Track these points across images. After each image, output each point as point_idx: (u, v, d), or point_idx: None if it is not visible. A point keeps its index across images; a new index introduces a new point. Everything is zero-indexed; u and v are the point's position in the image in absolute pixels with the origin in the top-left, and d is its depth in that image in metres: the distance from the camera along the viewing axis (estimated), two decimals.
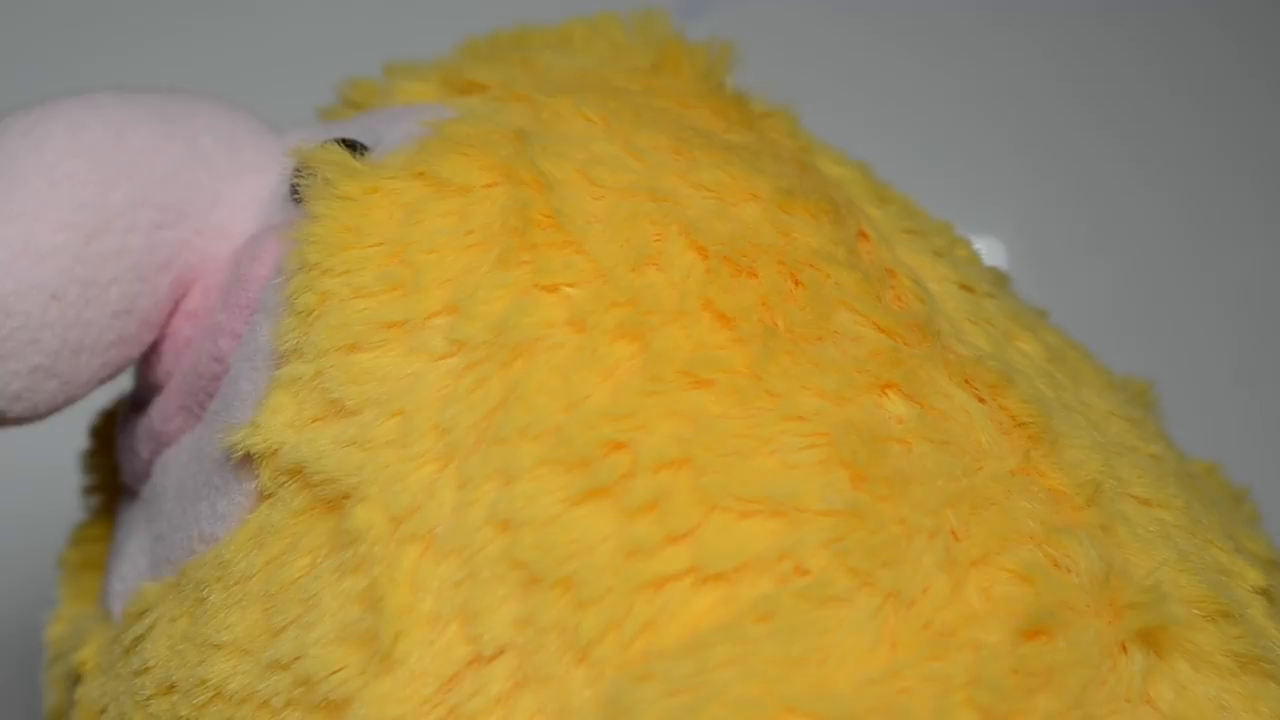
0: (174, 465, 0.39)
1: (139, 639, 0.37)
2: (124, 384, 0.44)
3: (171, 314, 0.40)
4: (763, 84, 0.43)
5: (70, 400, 0.39)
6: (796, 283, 0.35)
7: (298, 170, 0.38)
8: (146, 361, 0.40)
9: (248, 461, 0.35)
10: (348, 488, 0.33)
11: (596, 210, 0.35)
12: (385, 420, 0.34)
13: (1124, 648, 0.32)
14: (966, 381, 0.35)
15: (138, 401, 0.42)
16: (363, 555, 0.33)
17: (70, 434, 0.48)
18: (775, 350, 0.33)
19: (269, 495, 0.35)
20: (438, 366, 0.34)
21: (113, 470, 0.45)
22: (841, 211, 0.37)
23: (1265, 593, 0.35)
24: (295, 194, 0.38)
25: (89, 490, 0.46)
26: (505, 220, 0.35)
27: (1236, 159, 0.69)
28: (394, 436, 0.33)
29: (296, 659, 0.33)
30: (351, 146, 0.38)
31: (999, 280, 0.41)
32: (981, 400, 0.35)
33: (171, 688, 0.35)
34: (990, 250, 0.59)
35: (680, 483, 0.32)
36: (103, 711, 0.38)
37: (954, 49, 0.70)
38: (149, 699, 0.36)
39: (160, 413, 0.40)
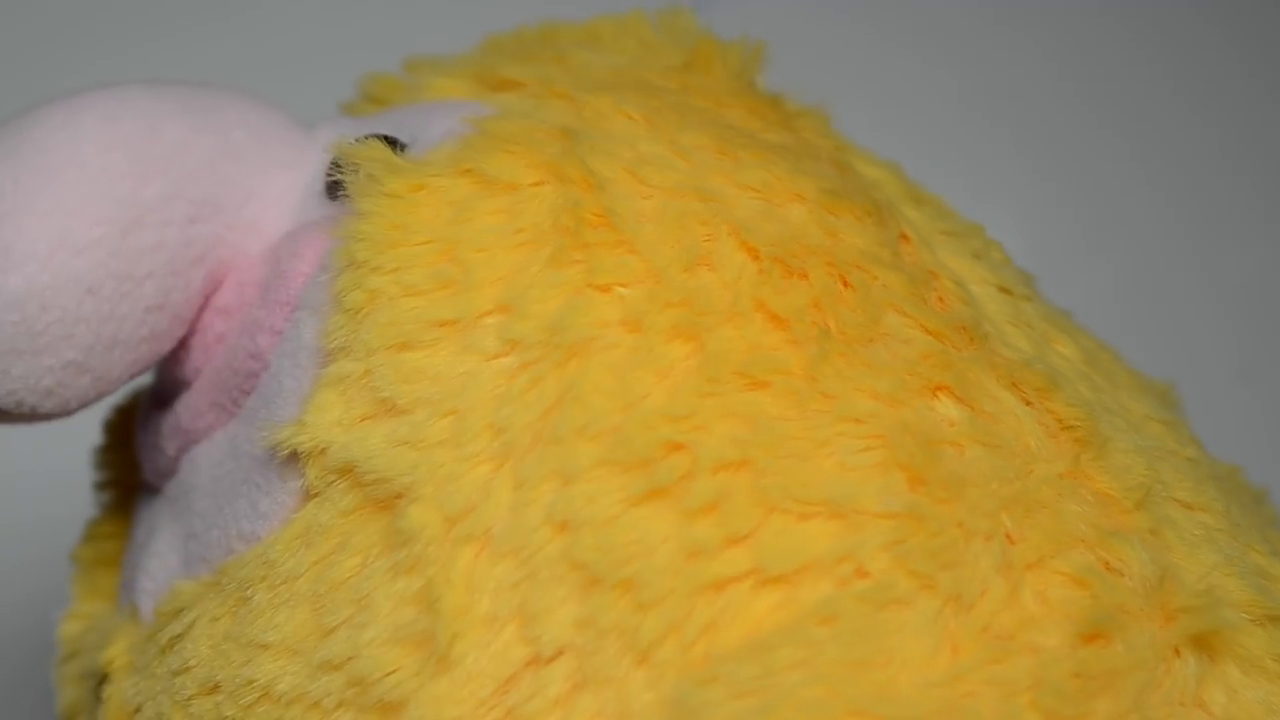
0: (205, 462, 0.38)
1: (177, 638, 0.36)
2: (140, 379, 0.43)
3: (201, 310, 0.39)
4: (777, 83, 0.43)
5: (100, 396, 0.39)
6: (845, 284, 0.35)
7: (334, 165, 0.38)
8: (172, 357, 0.40)
9: (293, 460, 0.35)
10: (400, 487, 0.33)
11: (646, 210, 0.35)
12: (438, 420, 0.33)
13: (1178, 652, 0.32)
14: (1014, 385, 0.35)
15: (160, 397, 0.41)
16: (417, 555, 0.33)
17: (78, 430, 0.47)
18: (829, 352, 0.33)
19: (315, 494, 0.35)
20: (491, 366, 0.33)
21: (128, 466, 0.45)
22: (884, 213, 0.37)
23: None
24: (333, 190, 0.38)
25: (102, 486, 0.45)
26: (556, 219, 0.34)
27: (1237, 159, 0.70)
28: (447, 436, 0.33)
29: (349, 659, 0.33)
30: (390, 143, 0.38)
31: (1030, 282, 0.41)
32: (1029, 404, 0.35)
33: (215, 687, 0.35)
34: None
35: (739, 484, 0.32)
36: (137, 710, 0.37)
37: (954, 48, 0.70)
38: (190, 699, 0.35)
39: (189, 409, 0.39)
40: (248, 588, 0.35)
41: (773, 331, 0.34)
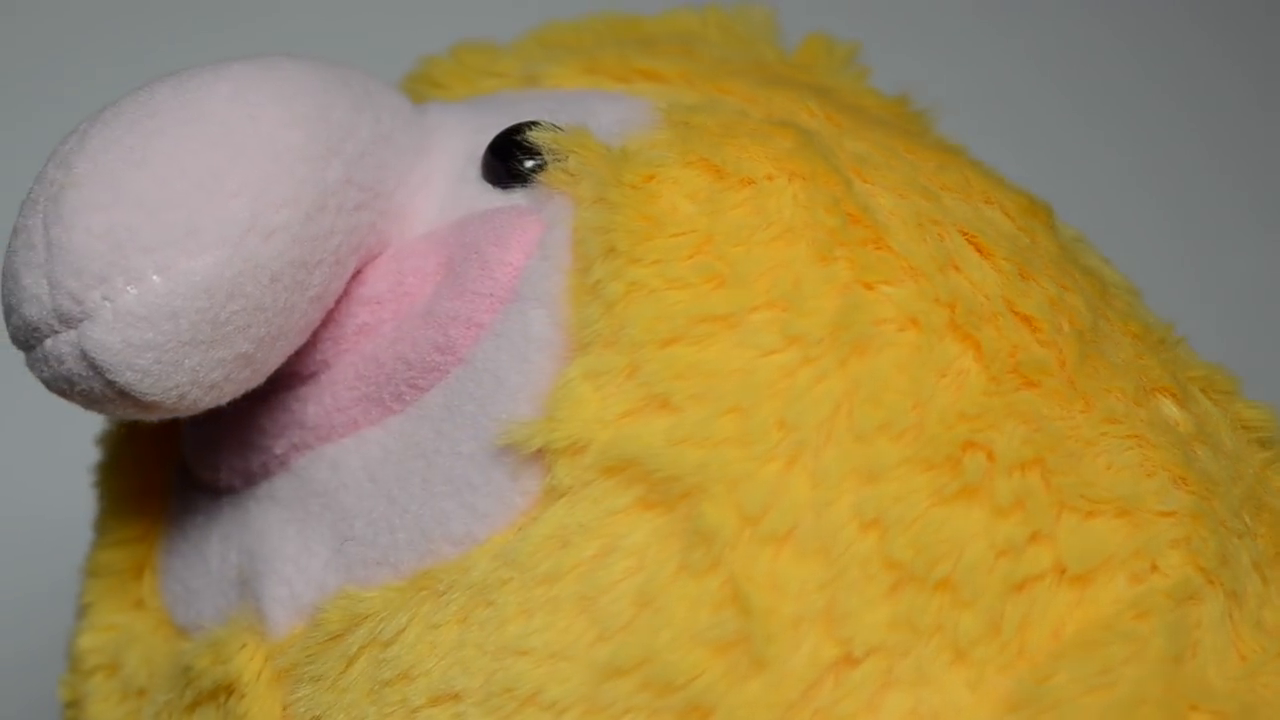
0: (356, 461, 0.36)
1: (384, 645, 0.34)
2: None
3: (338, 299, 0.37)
4: None
5: (234, 396, 0.36)
6: (1063, 287, 0.36)
7: (519, 150, 0.36)
8: None
9: (534, 457, 0.33)
10: (689, 486, 0.32)
11: (887, 207, 0.35)
12: (721, 416, 0.32)
13: None
14: (1205, 390, 0.36)
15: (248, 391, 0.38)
16: (715, 556, 0.32)
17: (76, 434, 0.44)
18: (1085, 352, 0.34)
19: (565, 493, 0.33)
20: (768, 362, 0.33)
21: (158, 467, 0.42)
22: (1052, 216, 0.38)
23: None
24: (513, 175, 0.36)
25: (126, 492, 0.42)
26: (813, 215, 0.34)
27: (1237, 159, 0.73)
28: (734, 434, 0.32)
29: (643, 663, 0.32)
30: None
31: None
32: (1219, 406, 0.36)
33: (455, 696, 0.33)
34: None
35: (1037, 482, 0.32)
36: None
37: (951, 49, 0.71)
38: (418, 709, 0.33)
39: (319, 405, 0.37)
40: (489, 592, 0.33)
41: (1026, 332, 0.34)
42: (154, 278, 0.33)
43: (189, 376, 0.34)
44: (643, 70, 0.40)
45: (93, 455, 0.45)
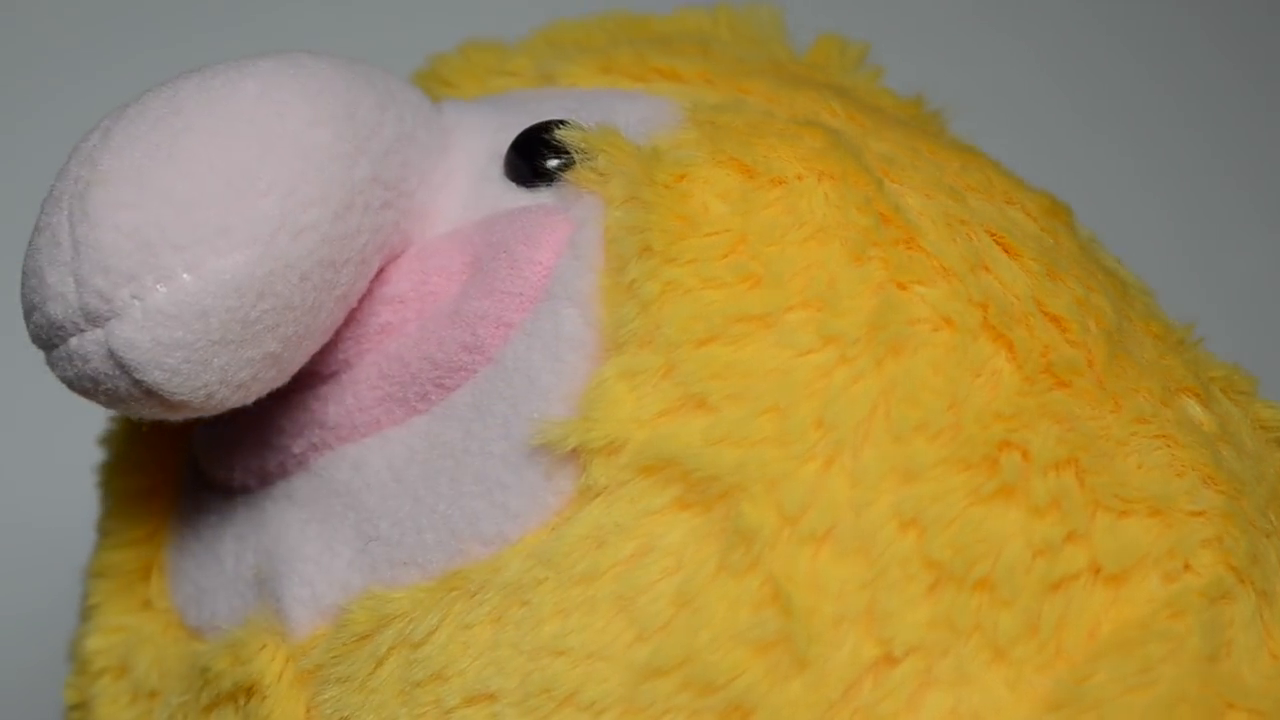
0: (379, 461, 0.36)
1: (415, 645, 0.34)
2: None
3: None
4: None
5: (260, 395, 0.36)
6: (1089, 288, 0.36)
7: (544, 149, 0.36)
8: None
9: (569, 457, 0.33)
10: (728, 486, 0.32)
11: (916, 207, 0.35)
12: (759, 416, 0.32)
13: None
14: (1224, 390, 0.37)
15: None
16: (755, 556, 0.32)
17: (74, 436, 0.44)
18: (1113, 352, 0.34)
19: (601, 492, 0.33)
20: (804, 361, 0.33)
21: (164, 466, 0.41)
22: (1072, 219, 0.38)
23: None
24: (538, 174, 0.36)
25: (132, 492, 0.41)
26: (845, 214, 0.34)
27: (1237, 159, 0.73)
28: (772, 433, 0.32)
29: (683, 664, 0.32)
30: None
31: None
32: (1239, 407, 0.37)
33: (491, 697, 0.33)
34: None
35: (1072, 482, 0.32)
36: None
37: (949, 49, 0.71)
38: (453, 709, 0.33)
39: (344, 403, 0.37)
40: (524, 592, 0.33)
41: (1056, 332, 0.34)
42: (184, 276, 0.33)
43: (217, 376, 0.34)
44: (661, 69, 0.39)
45: (88, 458, 0.44)
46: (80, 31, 0.68)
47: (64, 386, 0.36)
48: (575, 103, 0.38)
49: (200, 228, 0.33)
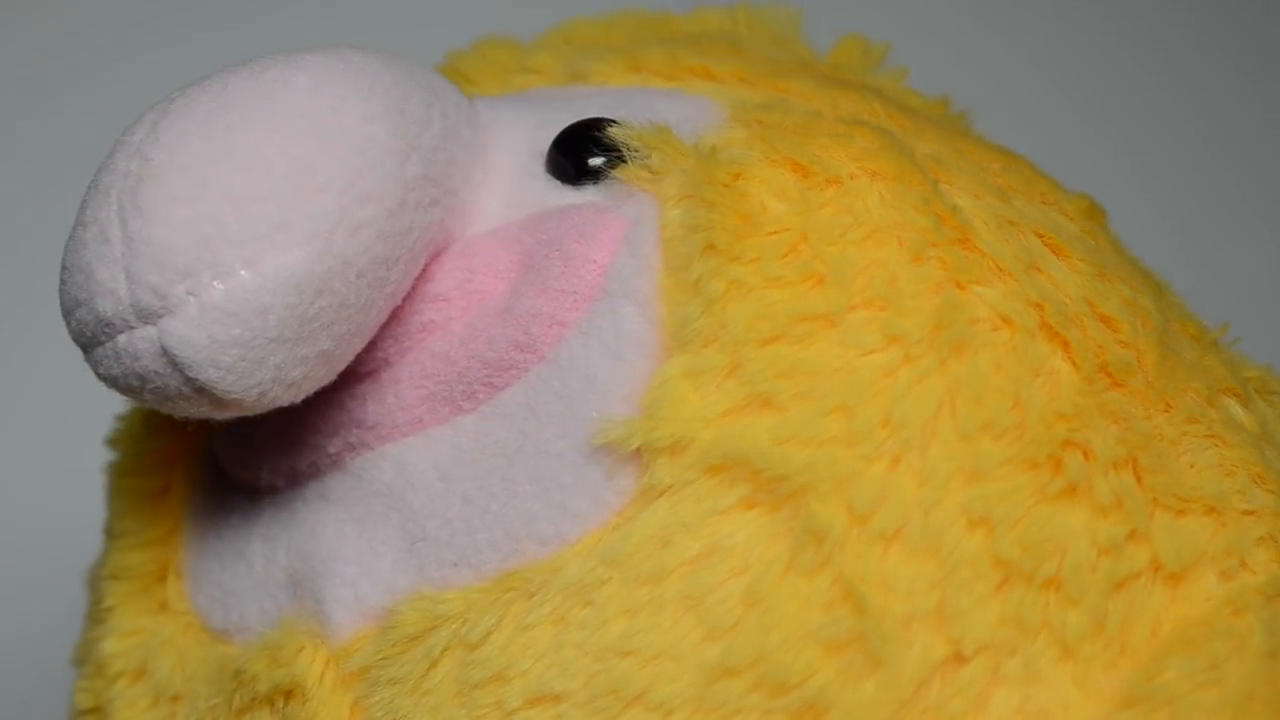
0: (424, 461, 0.35)
1: (472, 646, 0.33)
2: None
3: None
4: None
5: (309, 394, 0.35)
6: (1135, 289, 0.36)
7: (591, 147, 0.36)
8: None
9: (631, 456, 0.33)
10: (796, 486, 0.32)
11: (968, 207, 0.35)
12: (826, 415, 0.32)
13: None
14: (1259, 391, 0.37)
15: None
16: (825, 555, 0.32)
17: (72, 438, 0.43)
18: (1163, 353, 0.35)
19: (665, 491, 0.33)
20: (869, 361, 0.33)
21: (175, 466, 0.41)
22: (1107, 221, 0.39)
23: None
24: (584, 171, 0.36)
25: (145, 493, 0.41)
26: (903, 214, 0.34)
27: (1237, 160, 0.73)
28: (840, 432, 0.32)
29: (755, 663, 0.32)
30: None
31: None
32: (1274, 409, 0.37)
33: (556, 698, 0.33)
34: None
35: (1132, 481, 0.33)
36: None
37: (953, 47, 0.71)
38: (515, 711, 0.33)
39: (384, 402, 0.36)
40: (588, 592, 0.33)
41: (1108, 333, 0.35)
42: (242, 273, 0.33)
43: (271, 374, 0.34)
44: (693, 69, 0.39)
45: (87, 458, 0.44)
46: (80, 32, 0.67)
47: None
48: (613, 101, 0.38)
49: (259, 223, 0.33)
